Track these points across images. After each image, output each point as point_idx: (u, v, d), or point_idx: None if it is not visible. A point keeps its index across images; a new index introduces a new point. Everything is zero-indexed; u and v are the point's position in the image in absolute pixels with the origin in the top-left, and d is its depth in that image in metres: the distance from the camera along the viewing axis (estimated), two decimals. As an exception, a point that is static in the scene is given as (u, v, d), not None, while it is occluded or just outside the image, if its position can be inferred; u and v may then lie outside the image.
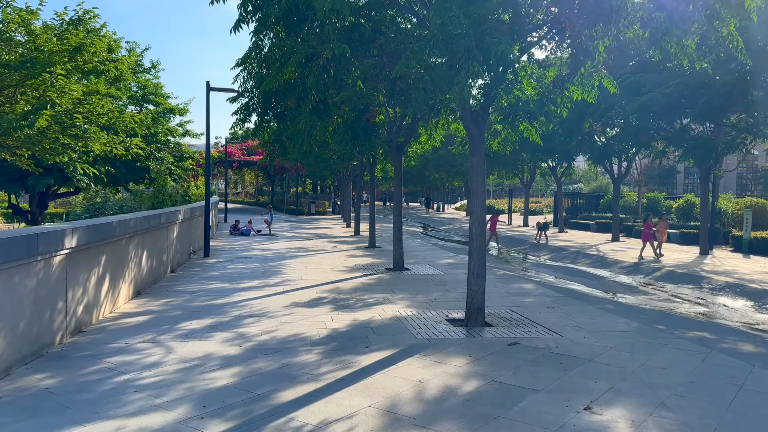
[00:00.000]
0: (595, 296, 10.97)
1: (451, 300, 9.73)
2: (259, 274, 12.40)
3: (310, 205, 43.70)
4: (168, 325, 7.73)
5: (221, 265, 13.77)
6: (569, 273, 14.81)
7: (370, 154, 17.70)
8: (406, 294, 10.21)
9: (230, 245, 18.90)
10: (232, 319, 8.09)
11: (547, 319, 8.33)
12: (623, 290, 12.24)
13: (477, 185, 7.90)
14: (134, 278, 9.68)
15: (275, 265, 14.05)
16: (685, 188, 58.12)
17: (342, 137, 10.83)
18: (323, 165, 33.50)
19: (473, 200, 7.90)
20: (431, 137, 16.03)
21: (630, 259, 17.51)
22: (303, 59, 7.06)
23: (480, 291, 7.87)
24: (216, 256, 15.60)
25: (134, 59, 33.17)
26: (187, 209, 14.10)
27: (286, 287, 10.80)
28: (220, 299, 9.55)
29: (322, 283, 11.36)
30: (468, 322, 7.85)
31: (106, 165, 31.13)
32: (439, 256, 16.80)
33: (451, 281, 11.82)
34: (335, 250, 17.99)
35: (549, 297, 10.20)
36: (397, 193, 13.51)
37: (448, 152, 43.10)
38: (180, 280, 11.60)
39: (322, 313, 8.55)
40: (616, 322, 8.22)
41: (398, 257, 13.46)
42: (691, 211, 29.25)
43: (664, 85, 14.68)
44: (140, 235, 9.97)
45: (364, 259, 15.62)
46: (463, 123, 7.84)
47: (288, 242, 20.28)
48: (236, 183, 77.73)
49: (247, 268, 13.33)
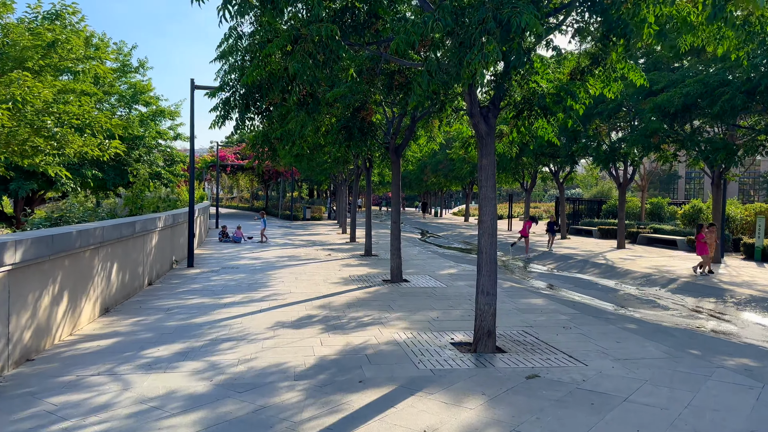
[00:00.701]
0: (613, 312, 9.98)
1: (456, 318, 8.73)
2: (244, 287, 11.37)
3: (305, 210, 42.64)
4: (132, 351, 6.71)
5: (205, 277, 12.73)
6: (580, 285, 13.83)
7: (366, 157, 16.71)
8: (404, 311, 9.20)
9: (218, 253, 17.86)
10: (207, 343, 7.07)
11: (565, 342, 7.33)
12: (641, 304, 11.26)
13: (487, 190, 6.92)
14: (101, 294, 8.65)
15: (263, 276, 13.02)
16: (686, 194, 57.34)
17: (336, 137, 9.84)
18: (318, 169, 32.55)
19: (484, 207, 6.91)
20: (431, 139, 15.07)
21: (640, 268, 16.55)
22: (286, 44, 6.08)
23: (490, 311, 6.88)
24: (201, 266, 14.56)
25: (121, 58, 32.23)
26: (168, 216, 13.08)
27: (272, 302, 9.78)
28: (198, 318, 8.52)
29: (312, 297, 10.34)
30: (477, 347, 6.85)
31: (93, 169, 30.08)
32: (440, 265, 15.81)
33: (454, 295, 10.82)
34: (329, 258, 16.98)
35: (563, 314, 9.20)
36: (395, 198, 12.52)
37: (446, 157, 42.21)
38: (157, 294, 10.56)
39: (311, 335, 7.53)
40: (644, 347, 7.23)
41: (396, 268, 12.46)
42: (697, 217, 28.33)
43: (679, 84, 13.77)
44: (109, 245, 8.94)
45: (359, 269, 14.61)
46: (471, 120, 6.86)
47: (280, 250, 19.26)
48: (231, 188, 76.65)
49: (232, 280, 12.30)
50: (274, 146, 13.23)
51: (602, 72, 7.40)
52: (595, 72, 7.42)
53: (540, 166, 34.83)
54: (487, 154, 6.91)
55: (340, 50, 5.83)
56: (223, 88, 7.92)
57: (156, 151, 33.92)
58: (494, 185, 6.95)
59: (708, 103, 12.72)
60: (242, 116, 7.82)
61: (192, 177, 14.53)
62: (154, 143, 33.64)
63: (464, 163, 37.96)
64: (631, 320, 9.24)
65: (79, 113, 12.39)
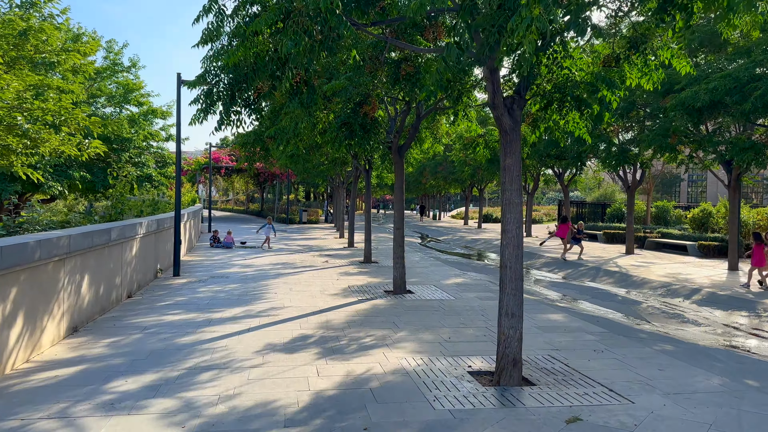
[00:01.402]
0: (643, 330, 8.99)
1: (470, 338, 7.72)
2: (233, 300, 10.34)
3: (302, 213, 41.61)
4: (96, 383, 5.68)
5: (191, 288, 11.69)
6: (597, 296, 12.85)
7: (366, 158, 15.72)
8: (411, 329, 8.19)
9: (208, 260, 16.81)
10: (184, 372, 6.04)
11: (601, 370, 6.34)
12: (668, 319, 10.28)
13: (512, 194, 5.92)
14: (68, 312, 7.62)
15: (255, 287, 11.99)
16: (689, 197, 56.54)
17: (335, 135, 8.83)
18: (314, 171, 31.52)
19: (507, 214, 5.91)
20: (436, 140, 14.08)
21: (657, 277, 15.58)
22: (277, 20, 5.08)
23: (516, 337, 5.87)
24: (188, 275, 13.52)
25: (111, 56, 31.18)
26: (151, 221, 12.04)
27: (263, 319, 8.75)
28: (178, 338, 7.49)
29: (308, 312, 9.32)
30: (500, 378, 5.84)
31: (81, 170, 28.96)
32: (445, 273, 14.81)
33: (464, 309, 9.82)
34: (326, 266, 15.95)
35: (590, 333, 8.21)
36: (398, 202, 11.52)
37: (446, 159, 41.28)
38: (136, 309, 9.52)
39: (305, 361, 6.52)
40: (692, 376, 6.24)
41: (399, 278, 11.45)
42: (707, 222, 27.44)
43: (702, 80, 12.84)
44: (79, 256, 7.91)
45: (359, 278, 13.60)
46: (494, 112, 5.87)
47: (274, 256, 18.22)
48: (226, 190, 75.49)
49: (220, 292, 11.26)
50: (266, 146, 12.23)
51: (641, 59, 6.43)
52: (633, 58, 6.44)
53: (543, 169, 33.94)
54: (512, 153, 5.92)
55: (341, 27, 4.83)
56: (205, 78, 6.90)
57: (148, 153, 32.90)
58: (520, 188, 5.95)
59: (738, 99, 11.78)
60: (227, 109, 6.81)
61: (178, 179, 13.50)
62: (145, 144, 32.60)
63: (464, 166, 37.00)
64: (666, 339, 8.25)
65: (54, 109, 11.37)
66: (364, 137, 8.76)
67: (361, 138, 8.74)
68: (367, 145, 8.98)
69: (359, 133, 8.69)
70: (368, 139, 8.89)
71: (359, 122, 8.66)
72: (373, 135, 8.95)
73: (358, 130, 8.66)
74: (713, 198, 54.00)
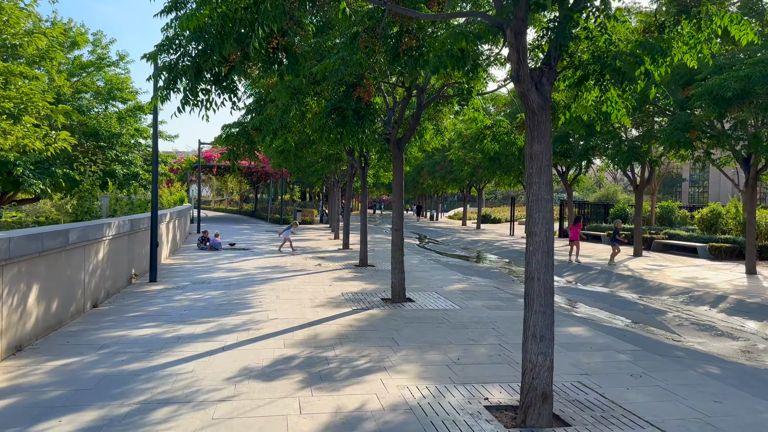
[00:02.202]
0: (678, 346, 7.88)
1: (482, 359, 6.59)
2: (212, 310, 9.18)
3: (296, 213, 40.38)
4: (20, 425, 4.52)
5: (167, 296, 10.52)
6: (616, 304, 11.74)
7: (362, 154, 14.57)
8: (413, 347, 7.05)
9: (191, 263, 15.62)
10: (134, 409, 4.88)
11: (645, 404, 5.21)
12: (700, 332, 9.18)
13: (540, 188, 4.79)
14: (9, 329, 6.44)
15: (239, 294, 10.83)
16: (691, 197, 55.65)
17: (324, 122, 7.66)
18: (309, 170, 30.34)
19: (535, 213, 4.78)
20: (438, 132, 12.93)
21: (673, 282, 14.49)
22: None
23: (546, 365, 4.74)
24: (167, 280, 12.34)
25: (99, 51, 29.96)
26: (123, 222, 10.86)
27: (242, 334, 7.60)
28: (137, 362, 6.33)
29: (294, 326, 8.16)
30: (527, 417, 4.70)
31: (65, 167, 27.74)
32: (446, 278, 13.67)
33: (472, 321, 8.68)
34: (319, 269, 14.79)
35: (621, 352, 7.08)
36: (397, 201, 10.38)
37: (444, 158, 40.17)
38: (99, 321, 8.35)
39: (286, 392, 5.36)
40: (757, 412, 5.12)
41: (398, 285, 10.31)
42: (716, 223, 26.40)
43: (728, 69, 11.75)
44: (23, 262, 6.74)
45: (353, 283, 12.44)
46: (518, 87, 4.74)
47: (263, 259, 17.05)
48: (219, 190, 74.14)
49: (199, 300, 10.09)
50: (251, 139, 11.08)
51: (693, 25, 5.31)
52: (683, 25, 5.32)
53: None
54: (540, 137, 4.79)
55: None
56: (168, 49, 5.74)
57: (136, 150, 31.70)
58: (550, 181, 4.82)
59: (771, 88, 10.71)
60: (193, 86, 5.65)
61: (155, 174, 12.31)
62: (133, 142, 31.38)
63: (463, 164, 35.89)
64: (707, 359, 7.13)
65: (15, 96, 10.20)
66: (357, 125, 7.58)
67: (354, 126, 7.56)
68: (361, 134, 7.79)
69: (352, 120, 7.51)
70: (362, 127, 7.71)
71: (352, 107, 7.48)
72: (368, 122, 7.77)
73: (350, 116, 7.48)
74: (714, 198, 53.12)
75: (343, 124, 7.58)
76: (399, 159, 10.26)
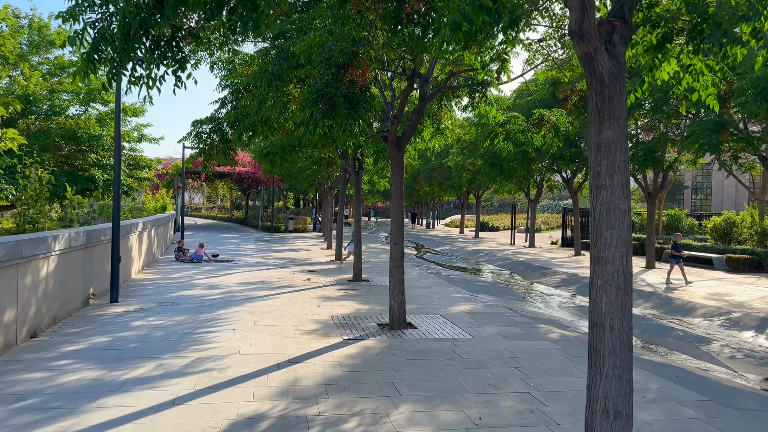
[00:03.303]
0: (748, 391, 6.35)
1: (510, 418, 5.03)
2: (171, 343, 7.58)
3: (288, 221, 38.75)
4: None
5: (123, 321, 8.91)
6: (647, 328, 10.23)
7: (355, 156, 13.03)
8: (420, 400, 5.49)
9: (165, 279, 13.99)
10: None
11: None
12: (762, 368, 7.66)
13: (612, 193, 3.27)
14: None
15: (210, 318, 9.24)
16: (693, 205, 54.40)
17: (311, 114, 6.07)
18: (300, 176, 28.79)
19: (607, 230, 3.26)
20: (438, 132, 11.42)
21: (701, 299, 13.00)
22: None
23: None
24: (131, 300, 10.72)
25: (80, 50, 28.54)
26: (76, 234, 9.27)
27: (203, 379, 6.01)
28: (52, 424, 4.74)
29: (271, 365, 6.59)
30: None
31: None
32: (450, 296, 12.12)
33: (489, 357, 7.14)
34: (308, 285, 13.21)
35: (686, 404, 5.54)
36: (397, 209, 8.84)
37: (442, 164, 38.75)
38: (25, 359, 6.75)
39: (246, 482, 3.79)
40: None
41: (397, 309, 8.76)
42: (730, 232, 24.99)
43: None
44: None
45: (345, 303, 10.88)
46: (582, 47, 3.24)
47: (247, 273, 15.45)
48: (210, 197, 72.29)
49: (160, 328, 8.49)
50: (227, 137, 9.56)
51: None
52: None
53: (548, 174, 31.48)
54: (613, 119, 3.28)
55: None
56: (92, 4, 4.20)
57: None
58: (627, 184, 3.31)
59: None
60: (124, 53, 4.11)
61: (117, 175, 10.71)
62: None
63: (462, 171, 34.45)
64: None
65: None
66: (349, 115, 6.01)
67: (345, 117, 6.01)
68: (355, 126, 6.22)
69: (343, 109, 5.96)
70: (356, 118, 6.15)
71: (343, 93, 5.94)
72: (363, 112, 6.22)
73: (341, 104, 5.94)
74: (718, 206, 51.86)
75: (332, 114, 6.03)
76: (398, 161, 8.73)
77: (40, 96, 27.19)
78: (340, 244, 19.37)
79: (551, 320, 10.13)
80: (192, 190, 71.44)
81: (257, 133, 8.89)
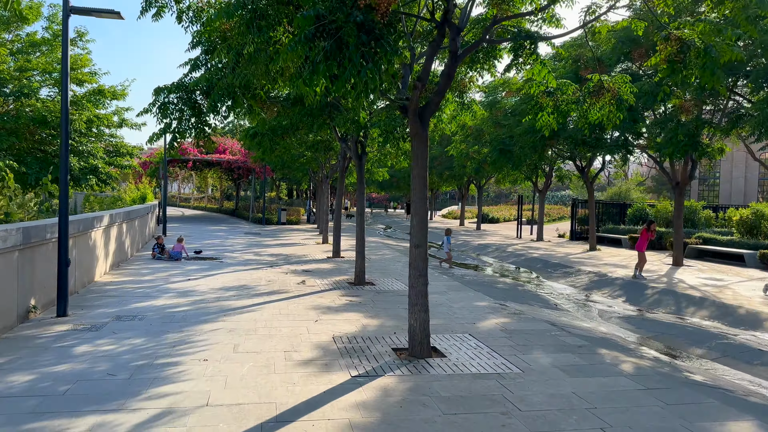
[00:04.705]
0: None
1: None
2: (118, 384, 5.53)
3: (281, 212, 36.60)
4: None
5: (66, 344, 6.84)
6: (727, 350, 8.31)
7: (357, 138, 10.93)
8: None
9: (134, 282, 11.87)
10: None
11: None
12: None
13: None
14: None
15: (176, 341, 7.18)
16: (700, 196, 52.68)
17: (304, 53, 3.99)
18: (294, 164, 26.66)
19: None
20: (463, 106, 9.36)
21: (755, 306, 11.10)
22: None
23: None
24: (84, 312, 8.64)
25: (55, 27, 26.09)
26: (7, 232, 7.17)
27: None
28: None
29: (250, 428, 4.56)
30: None
31: (8, 158, 23.80)
32: (473, 305, 10.12)
33: (554, 406, 5.15)
34: (302, 290, 11.17)
35: None
36: (420, 200, 6.82)
37: (443, 153, 36.67)
38: None
39: None
40: None
41: (420, 331, 6.76)
42: (759, 226, 23.15)
43: None
44: None
45: (349, 316, 8.85)
46: None
47: (233, 273, 13.37)
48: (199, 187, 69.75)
49: (109, 355, 6.43)
50: (199, 108, 7.46)
51: None
52: None
53: (559, 162, 29.52)
54: None
55: None
56: None
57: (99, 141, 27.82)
58: None
59: None
60: None
61: (65, 157, 8.56)
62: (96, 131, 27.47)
63: (467, 160, 32.34)
64: None
65: None
66: (368, 53, 3.86)
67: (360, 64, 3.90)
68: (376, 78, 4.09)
69: (355, 51, 3.84)
70: (377, 66, 4.05)
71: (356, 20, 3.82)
72: (384, 57, 4.09)
73: (352, 40, 3.81)
74: (726, 197, 50.19)
75: (338, 55, 3.94)
76: (421, 138, 6.69)
77: (7, 75, 24.83)
78: (338, 239, 17.32)
79: (608, 341, 8.15)
80: (181, 180, 68.92)
81: (238, 102, 6.80)
